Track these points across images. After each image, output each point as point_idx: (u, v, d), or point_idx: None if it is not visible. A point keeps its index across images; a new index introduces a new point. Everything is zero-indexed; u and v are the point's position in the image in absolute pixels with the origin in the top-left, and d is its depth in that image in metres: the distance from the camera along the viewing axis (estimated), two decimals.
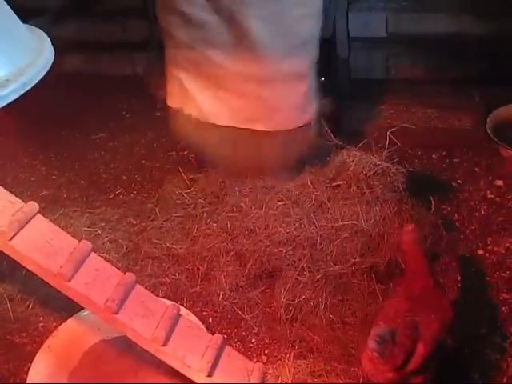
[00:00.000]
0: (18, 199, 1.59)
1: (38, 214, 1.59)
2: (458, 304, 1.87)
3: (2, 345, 1.94)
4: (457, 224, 2.15)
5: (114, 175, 2.59)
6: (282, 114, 2.19)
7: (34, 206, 1.58)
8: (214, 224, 2.17)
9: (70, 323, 1.86)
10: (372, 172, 2.04)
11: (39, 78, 1.02)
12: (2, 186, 1.72)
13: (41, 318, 2.01)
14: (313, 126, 2.26)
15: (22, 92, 0.98)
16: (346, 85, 2.74)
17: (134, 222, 2.30)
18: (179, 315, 1.66)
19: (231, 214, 2.17)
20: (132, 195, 2.48)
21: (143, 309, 1.60)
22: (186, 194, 2.32)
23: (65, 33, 3.14)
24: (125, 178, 2.49)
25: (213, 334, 1.83)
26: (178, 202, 2.34)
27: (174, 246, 2.15)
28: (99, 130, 2.96)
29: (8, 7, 1.13)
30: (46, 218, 1.66)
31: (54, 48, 1.39)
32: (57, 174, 2.68)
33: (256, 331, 1.90)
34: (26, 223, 1.54)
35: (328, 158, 2.23)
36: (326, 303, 1.84)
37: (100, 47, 3.19)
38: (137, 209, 2.38)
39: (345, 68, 2.70)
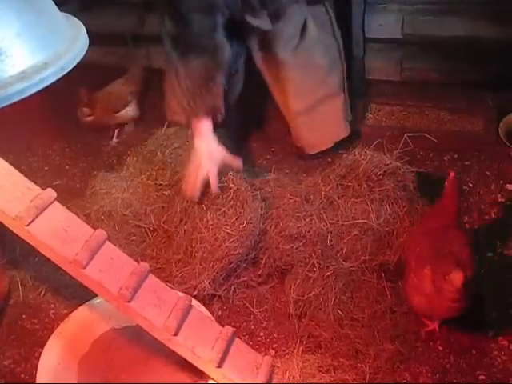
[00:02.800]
0: (36, 186, 1.61)
1: (56, 202, 1.61)
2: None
3: (14, 330, 1.98)
4: (466, 226, 2.16)
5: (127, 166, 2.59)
6: (318, 136, 2.41)
7: (51, 193, 1.60)
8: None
9: (82, 311, 1.88)
10: (382, 171, 2.05)
11: (76, 63, 1.05)
12: None
13: (52, 305, 2.04)
14: None
15: (59, 75, 1.01)
16: (361, 85, 2.75)
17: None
18: (191, 306, 1.68)
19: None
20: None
21: (156, 298, 1.62)
22: None
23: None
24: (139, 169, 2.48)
25: (223, 326, 1.86)
26: None
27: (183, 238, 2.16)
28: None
29: None
30: None
31: None
32: (70, 164, 2.70)
33: (265, 325, 1.93)
34: (44, 210, 1.56)
35: (337, 156, 2.27)
36: (335, 300, 1.86)
37: (117, 39, 3.21)
38: None
39: (359, 68, 2.72)
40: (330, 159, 2.41)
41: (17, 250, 2.10)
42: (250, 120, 2.73)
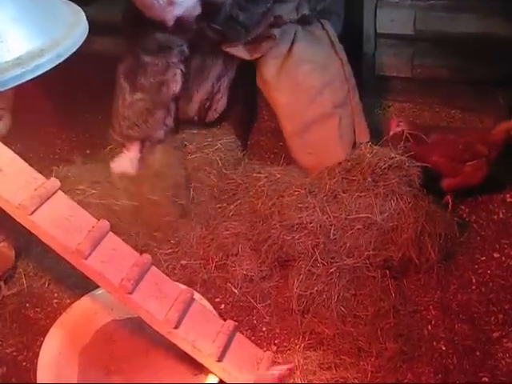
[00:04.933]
0: (40, 175, 1.61)
1: (60, 191, 1.61)
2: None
3: (17, 319, 1.98)
4: (474, 225, 2.14)
5: None
6: (317, 157, 2.29)
7: (55, 182, 1.60)
8: (231, 213, 2.21)
9: (84, 301, 1.88)
10: (387, 165, 2.03)
11: (74, 50, 1.03)
12: None
13: (55, 295, 2.05)
14: None
15: (56, 62, 0.99)
16: (371, 81, 2.72)
17: None
18: (193, 299, 1.68)
19: (249, 201, 2.21)
20: None
21: (157, 291, 1.62)
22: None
23: (95, 14, 3.14)
24: None
25: (225, 320, 1.85)
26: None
27: (191, 232, 2.18)
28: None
29: None
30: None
31: None
32: (77, 154, 2.70)
33: (267, 320, 1.92)
34: (48, 199, 1.56)
35: None
36: (338, 296, 1.85)
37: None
38: None
39: (370, 64, 2.69)
40: None
41: (20, 239, 2.10)
42: (258, 116, 2.72)
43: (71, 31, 1.03)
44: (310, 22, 2.29)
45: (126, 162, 2.36)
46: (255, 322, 1.92)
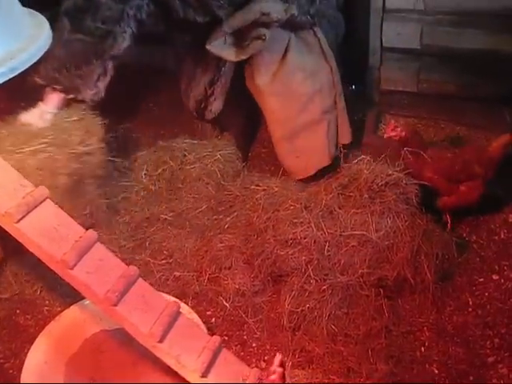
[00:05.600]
0: (29, 183, 1.59)
1: (48, 200, 1.60)
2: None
3: (7, 325, 1.97)
4: (474, 246, 2.10)
5: (134, 165, 2.57)
6: (300, 163, 2.34)
7: (43, 190, 1.58)
8: (227, 225, 2.19)
9: (73, 310, 1.87)
10: (384, 182, 2.00)
11: (30, 64, 1.01)
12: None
13: (47, 302, 2.04)
14: None
15: (10, 76, 0.97)
16: (375, 95, 2.70)
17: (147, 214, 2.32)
18: (179, 313, 1.65)
19: (244, 214, 2.19)
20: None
21: (143, 303, 1.59)
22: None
23: None
24: (144, 173, 2.47)
25: (213, 334, 1.82)
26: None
27: (185, 243, 2.16)
28: (126, 120, 2.96)
29: None
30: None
31: None
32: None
33: (258, 336, 1.89)
34: (35, 207, 1.55)
35: (342, 167, 2.22)
36: (329, 314, 1.82)
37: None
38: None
39: (375, 78, 2.66)
40: (337, 168, 2.35)
41: (12, 245, 2.09)
42: (261, 126, 2.69)
43: (30, 44, 1.01)
44: (303, 27, 2.28)
45: (36, 112, 2.09)
46: (245, 337, 1.90)
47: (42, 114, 2.08)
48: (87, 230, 1.63)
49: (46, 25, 1.16)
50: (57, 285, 2.02)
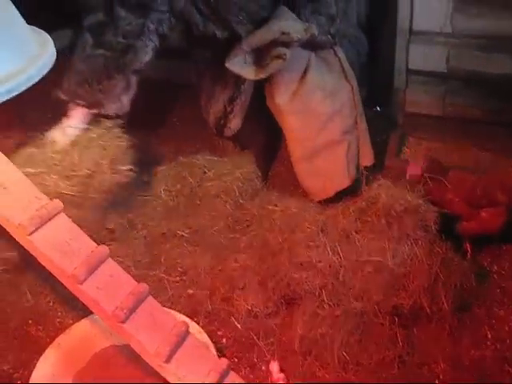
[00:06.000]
0: (44, 196, 1.60)
1: (62, 213, 1.59)
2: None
3: (18, 335, 1.97)
4: (494, 276, 2.04)
5: (154, 180, 2.57)
6: (319, 183, 2.32)
7: (58, 203, 1.58)
8: (242, 245, 2.17)
9: (84, 324, 1.86)
10: (403, 207, 1.96)
11: (29, 86, 0.99)
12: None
13: (59, 314, 2.03)
14: None
15: (6, 98, 0.95)
16: (400, 117, 2.66)
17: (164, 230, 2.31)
18: (188, 333, 1.62)
19: (261, 234, 2.17)
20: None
21: (152, 321, 1.58)
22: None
23: None
24: (163, 188, 2.47)
25: (224, 355, 1.80)
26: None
27: (200, 261, 2.14)
28: (148, 134, 2.97)
29: (13, 9, 1.10)
30: None
31: None
32: None
33: (268, 359, 1.85)
34: (48, 220, 1.55)
35: (362, 190, 2.19)
36: (342, 341, 1.78)
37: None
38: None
39: (400, 100, 2.63)
40: (357, 191, 2.31)
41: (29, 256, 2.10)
42: (282, 145, 2.67)
43: (30, 65, 0.99)
44: (323, 47, 2.26)
45: (60, 128, 2.13)
46: (255, 359, 1.86)
47: (65, 130, 2.10)
48: (99, 245, 1.62)
49: (50, 44, 1.14)
50: (70, 297, 1.98)
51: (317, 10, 2.22)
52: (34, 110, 2.49)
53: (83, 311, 1.92)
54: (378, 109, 2.78)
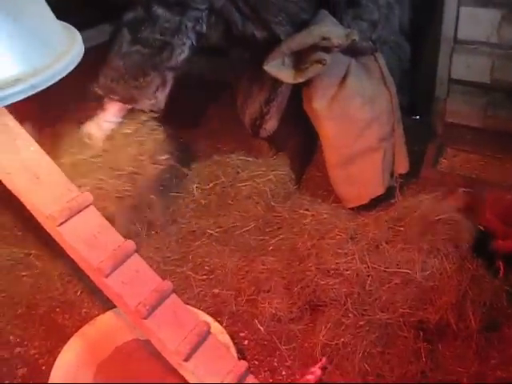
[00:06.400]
0: (75, 188, 1.62)
1: (91, 206, 1.61)
2: None
3: (45, 322, 2.01)
4: None
5: (187, 179, 2.58)
6: (354, 190, 2.29)
7: (88, 196, 1.60)
8: (271, 248, 2.16)
9: (109, 316, 1.88)
10: (437, 219, 1.92)
11: (54, 81, 1.00)
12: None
13: (85, 305, 2.06)
14: None
15: (30, 93, 0.96)
16: (439, 127, 2.61)
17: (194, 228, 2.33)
18: (209, 333, 1.63)
19: (290, 238, 2.16)
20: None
21: (173, 319, 1.58)
22: None
23: None
24: (196, 186, 2.48)
25: (244, 357, 1.80)
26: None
27: (228, 261, 2.15)
28: (186, 131, 2.99)
29: (44, 4, 1.10)
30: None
31: None
32: None
33: (289, 364, 1.84)
34: (78, 212, 1.57)
35: (396, 199, 2.16)
36: (364, 352, 1.75)
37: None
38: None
39: (440, 110, 2.58)
40: (390, 199, 2.29)
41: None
42: (319, 149, 2.66)
43: (57, 61, 1.00)
44: (363, 53, 2.23)
45: (95, 122, 2.16)
46: (276, 364, 1.85)
47: (100, 125, 2.14)
48: (126, 239, 1.63)
49: (79, 40, 1.14)
50: (97, 289, 2.02)
51: (359, 16, 2.19)
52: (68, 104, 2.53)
53: (109, 303, 1.92)
54: (418, 117, 2.74)
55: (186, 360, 1.53)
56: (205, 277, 2.13)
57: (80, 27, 1.46)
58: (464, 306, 1.80)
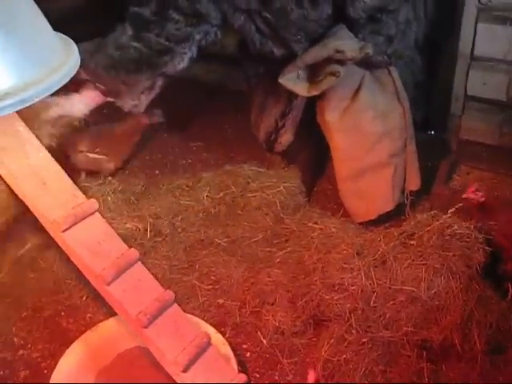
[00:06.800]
0: (81, 194, 1.63)
1: (97, 213, 1.62)
2: None
3: (50, 325, 2.03)
4: None
5: (197, 186, 2.58)
6: (366, 204, 2.26)
7: (93, 203, 1.61)
8: (277, 260, 2.15)
9: (112, 322, 1.89)
10: (446, 238, 1.89)
11: (45, 95, 1.00)
12: None
13: (90, 310, 2.07)
14: None
15: (18, 108, 0.96)
16: (454, 143, 2.58)
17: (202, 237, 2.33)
18: (209, 344, 1.62)
19: (297, 251, 2.15)
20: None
21: (174, 330, 1.58)
22: None
23: None
24: (206, 195, 2.48)
25: (245, 370, 1.79)
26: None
27: (234, 271, 2.14)
28: (199, 139, 3.01)
29: (41, 17, 1.10)
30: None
31: None
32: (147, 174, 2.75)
33: (290, 379, 1.83)
34: (83, 219, 1.58)
35: (407, 215, 2.13)
36: (365, 370, 1.73)
37: (221, 58, 3.24)
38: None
39: (455, 126, 2.55)
40: (400, 215, 2.26)
41: None
42: (328, 163, 2.65)
43: (49, 75, 0.99)
44: (377, 66, 2.21)
45: (69, 102, 2.11)
46: (277, 377, 1.84)
47: (74, 106, 2.11)
48: (130, 247, 1.64)
49: (74, 53, 1.14)
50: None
51: (376, 31, 2.16)
52: None
53: (114, 310, 1.96)
54: (432, 133, 2.71)
55: (185, 371, 1.53)
56: (210, 286, 2.12)
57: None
58: (469, 326, 1.77)
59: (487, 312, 1.79)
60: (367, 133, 2.21)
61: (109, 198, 2.39)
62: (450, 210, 2.02)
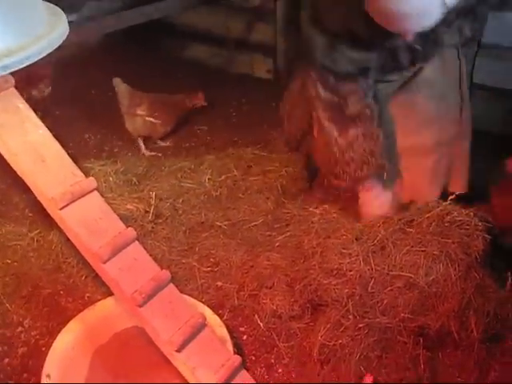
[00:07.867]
0: (80, 172, 1.61)
1: (95, 192, 1.61)
2: None
3: (49, 303, 2.04)
4: None
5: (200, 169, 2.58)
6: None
7: (92, 182, 1.60)
8: (277, 244, 2.14)
9: (109, 302, 1.89)
10: (448, 225, 1.87)
11: (28, 63, 0.99)
12: None
13: (89, 289, 2.08)
14: None
15: (1, 73, 0.95)
16: None
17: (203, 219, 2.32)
18: (204, 325, 1.62)
19: (297, 235, 2.14)
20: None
21: (169, 309, 1.57)
22: None
23: (194, 21, 3.23)
24: (208, 177, 2.48)
25: (241, 353, 1.79)
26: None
27: (233, 254, 2.14)
28: (204, 122, 3.00)
29: None
30: None
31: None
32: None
33: (285, 362, 1.83)
34: (80, 197, 1.56)
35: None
36: (361, 355, 1.73)
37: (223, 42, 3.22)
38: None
39: None
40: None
41: None
42: None
43: (32, 44, 0.97)
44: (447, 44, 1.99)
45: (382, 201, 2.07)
46: (273, 360, 1.84)
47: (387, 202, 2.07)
48: (128, 227, 1.63)
49: (63, 23, 1.14)
50: None
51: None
52: None
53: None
54: None
55: (179, 351, 1.52)
56: (209, 269, 2.13)
57: None
58: (467, 314, 1.76)
59: (485, 300, 1.78)
60: (419, 110, 2.05)
61: (110, 179, 2.39)
62: (451, 197, 2.01)
